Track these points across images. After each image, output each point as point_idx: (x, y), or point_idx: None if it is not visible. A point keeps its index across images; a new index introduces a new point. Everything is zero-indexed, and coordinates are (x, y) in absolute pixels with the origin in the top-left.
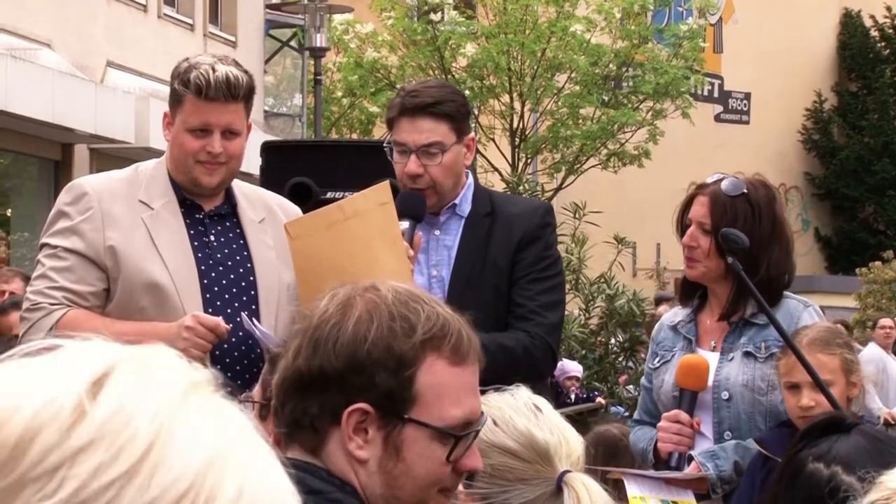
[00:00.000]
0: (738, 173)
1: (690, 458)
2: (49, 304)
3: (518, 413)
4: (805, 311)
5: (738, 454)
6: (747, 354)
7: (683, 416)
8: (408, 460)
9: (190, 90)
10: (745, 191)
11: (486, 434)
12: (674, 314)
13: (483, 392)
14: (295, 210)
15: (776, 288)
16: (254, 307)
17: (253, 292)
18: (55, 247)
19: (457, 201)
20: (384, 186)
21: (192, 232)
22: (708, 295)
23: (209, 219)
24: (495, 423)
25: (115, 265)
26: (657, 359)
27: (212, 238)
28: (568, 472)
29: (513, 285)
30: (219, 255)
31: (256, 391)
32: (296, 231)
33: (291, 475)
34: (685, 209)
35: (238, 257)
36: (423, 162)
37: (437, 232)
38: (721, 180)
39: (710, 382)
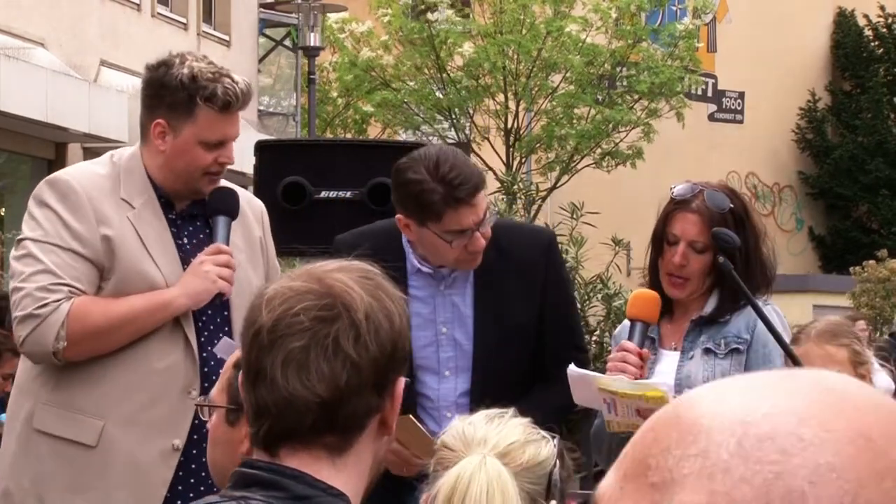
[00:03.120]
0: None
1: None
2: (55, 299)
3: (474, 419)
4: (767, 311)
5: None
6: (707, 351)
7: (629, 344)
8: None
9: (216, 105)
10: (732, 205)
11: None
12: None
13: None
14: (260, 205)
15: (769, 283)
16: (226, 313)
17: (224, 296)
18: (52, 244)
19: None
20: None
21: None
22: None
23: (181, 219)
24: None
25: (111, 264)
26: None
27: (185, 240)
28: (477, 456)
29: (545, 332)
30: (192, 259)
31: (215, 394)
32: (408, 427)
33: (273, 481)
34: (664, 223)
35: None
36: (480, 231)
37: (442, 287)
38: (700, 193)
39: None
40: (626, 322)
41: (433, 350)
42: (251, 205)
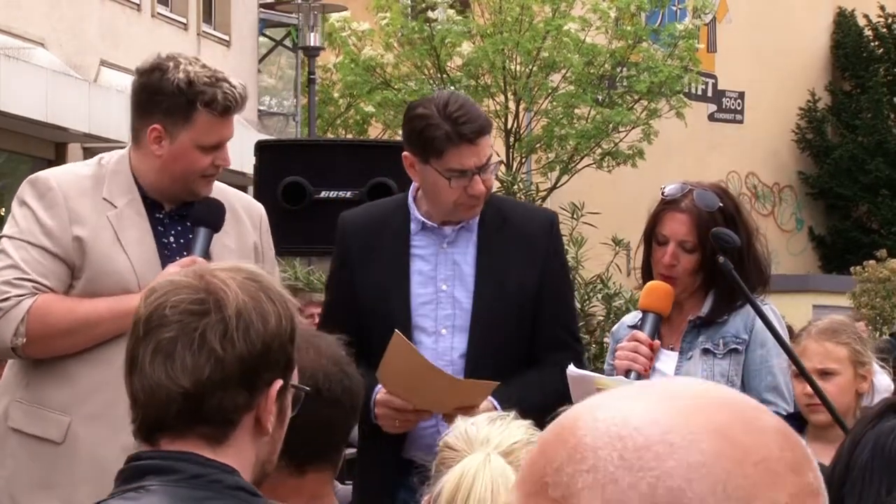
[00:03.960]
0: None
1: None
2: (17, 294)
3: (477, 420)
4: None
5: None
6: (706, 352)
7: (641, 335)
8: (284, 423)
9: (216, 110)
10: (721, 204)
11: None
12: (634, 315)
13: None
14: (259, 209)
15: (765, 283)
16: None
17: None
18: (24, 241)
19: None
20: (488, 389)
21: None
22: None
23: (169, 219)
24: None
25: (81, 263)
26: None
27: (171, 240)
28: (480, 454)
29: (541, 308)
30: (177, 258)
31: None
32: (402, 351)
33: (165, 467)
34: (654, 223)
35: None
36: (482, 177)
37: (444, 245)
38: (689, 192)
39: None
40: (625, 319)
41: (432, 308)
42: (249, 210)
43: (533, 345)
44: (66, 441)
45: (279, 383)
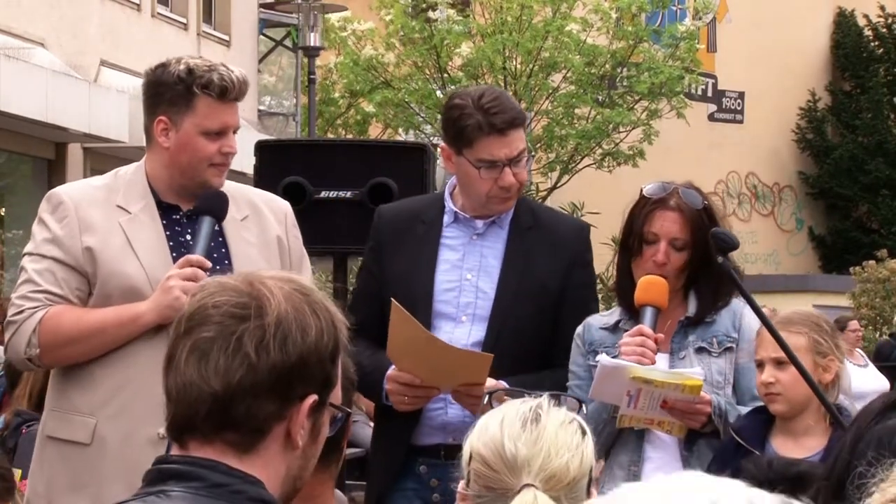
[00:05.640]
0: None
1: None
2: (31, 307)
3: (504, 420)
4: (746, 308)
5: (723, 402)
6: (700, 350)
7: (646, 329)
8: (319, 440)
9: (213, 92)
10: (706, 202)
11: (472, 438)
12: (602, 317)
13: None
14: (283, 205)
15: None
16: None
17: None
18: (38, 254)
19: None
20: (486, 362)
21: (168, 233)
22: None
23: (186, 218)
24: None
25: (94, 270)
26: (599, 356)
27: (188, 237)
28: (528, 486)
29: (561, 312)
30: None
31: None
32: (402, 320)
33: (188, 473)
34: (641, 223)
35: (216, 255)
36: (514, 170)
37: (474, 237)
38: (675, 191)
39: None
40: (591, 321)
41: (454, 295)
42: (272, 205)
43: (552, 348)
44: (93, 442)
45: (313, 398)
